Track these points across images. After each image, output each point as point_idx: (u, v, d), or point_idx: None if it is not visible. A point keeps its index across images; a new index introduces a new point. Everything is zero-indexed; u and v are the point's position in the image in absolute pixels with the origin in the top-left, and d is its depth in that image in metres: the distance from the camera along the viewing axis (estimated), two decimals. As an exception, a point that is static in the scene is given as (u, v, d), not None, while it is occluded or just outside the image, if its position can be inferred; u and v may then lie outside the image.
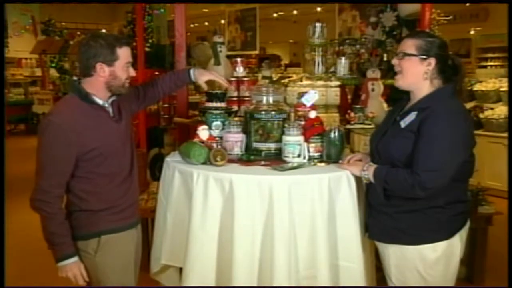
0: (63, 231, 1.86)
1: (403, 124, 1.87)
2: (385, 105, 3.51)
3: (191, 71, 2.38)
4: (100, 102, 1.93)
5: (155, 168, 5.07)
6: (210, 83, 2.46)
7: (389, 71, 3.78)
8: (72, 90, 1.94)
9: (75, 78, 1.97)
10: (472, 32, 11.62)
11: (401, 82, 1.91)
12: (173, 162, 2.22)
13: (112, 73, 1.90)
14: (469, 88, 5.91)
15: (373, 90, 3.49)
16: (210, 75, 2.41)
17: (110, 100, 1.97)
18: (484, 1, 3.84)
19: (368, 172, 1.92)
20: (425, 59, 1.86)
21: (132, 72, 1.98)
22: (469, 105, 5.75)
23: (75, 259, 1.88)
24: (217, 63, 3.27)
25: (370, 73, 3.57)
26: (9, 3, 1.95)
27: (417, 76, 1.87)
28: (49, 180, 1.82)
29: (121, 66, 1.91)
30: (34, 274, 3.50)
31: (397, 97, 2.15)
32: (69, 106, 1.89)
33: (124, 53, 1.91)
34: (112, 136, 1.94)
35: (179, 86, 2.45)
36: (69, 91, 1.97)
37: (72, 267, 1.88)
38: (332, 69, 3.70)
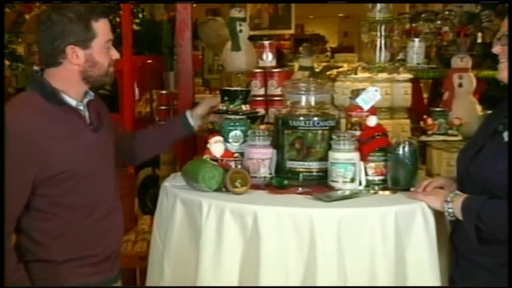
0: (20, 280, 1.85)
1: (507, 136, 1.88)
2: (478, 107, 3.50)
3: (187, 114, 2.48)
4: (72, 102, 1.97)
5: (147, 197, 5.14)
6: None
7: (485, 58, 3.78)
8: (32, 85, 1.96)
9: (36, 68, 2.01)
10: None
11: (506, 75, 1.90)
12: (173, 188, 2.27)
13: (90, 58, 1.94)
14: None
15: (460, 85, 3.49)
16: (202, 106, 2.50)
17: (85, 101, 2.02)
18: (484, 1, 3.88)
19: (454, 205, 1.93)
20: None
21: (115, 54, 2.03)
22: None
23: None
24: (236, 47, 3.34)
25: (456, 62, 3.56)
26: (9, 3, 2.17)
27: None
28: None
29: (100, 47, 1.95)
30: None
31: (496, 96, 2.15)
32: (26, 108, 1.90)
33: (103, 28, 1.96)
34: (89, 151, 1.98)
35: (168, 140, 2.50)
36: (27, 87, 2.01)
37: None
38: (400, 56, 3.73)
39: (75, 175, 1.92)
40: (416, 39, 3.74)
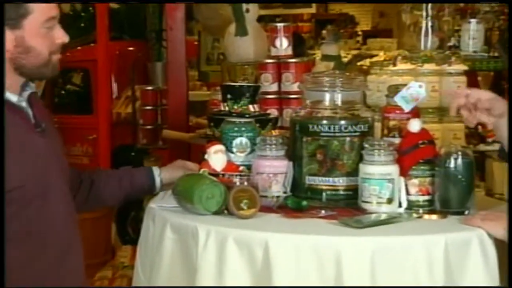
0: None
1: None
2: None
3: (155, 170, 2.48)
4: (12, 98, 1.96)
5: (127, 222, 5.16)
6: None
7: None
8: None
9: None
10: None
11: None
12: (161, 211, 2.28)
13: (20, 43, 1.93)
14: None
15: (529, 80, 3.50)
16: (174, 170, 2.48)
17: (26, 94, 2.01)
18: (484, 1, 3.92)
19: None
20: None
21: (61, 37, 2.01)
22: None
23: None
24: (242, 32, 3.35)
25: (523, 50, 3.57)
26: (9, 3, 2.24)
27: None
28: None
29: (35, 28, 1.94)
30: None
31: None
32: None
33: (41, 5, 1.94)
34: (39, 163, 1.98)
35: (127, 191, 2.48)
36: None
37: None
38: (452, 42, 3.74)
39: (22, 195, 1.91)
40: (473, 20, 3.74)
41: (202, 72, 7.55)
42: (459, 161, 2.21)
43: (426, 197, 2.25)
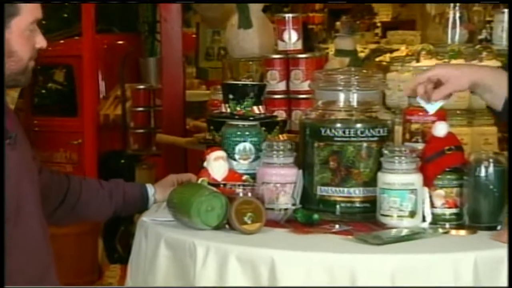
0: None
1: None
2: None
3: (149, 189, 2.50)
4: None
5: (116, 238, 5.16)
6: None
7: None
8: None
9: None
10: None
11: None
12: (155, 225, 2.29)
13: (6, 45, 1.95)
14: None
15: None
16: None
17: None
18: (484, 1, 3.96)
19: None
20: None
21: (41, 41, 2.04)
22: None
23: None
24: (245, 24, 3.36)
25: None
26: (9, 3, 2.30)
27: None
28: None
29: (22, 30, 1.97)
30: None
31: None
32: None
33: (29, 5, 1.97)
34: (10, 179, 1.97)
35: (117, 208, 2.51)
36: None
37: None
38: (483, 35, 3.74)
39: None
40: (507, 11, 3.74)
41: (201, 69, 7.54)
42: (491, 169, 2.21)
43: (453, 210, 2.25)
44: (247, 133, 2.47)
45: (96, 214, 2.53)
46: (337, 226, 2.24)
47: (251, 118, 2.54)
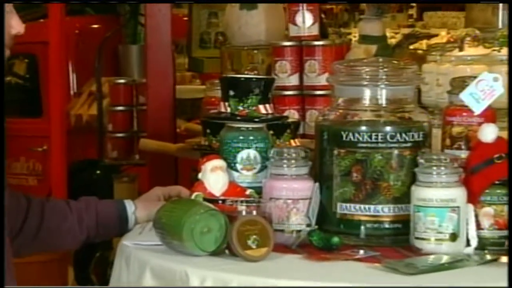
0: None
1: None
2: None
3: (128, 206, 2.54)
4: None
5: (89, 267, 5.16)
6: None
7: None
8: None
9: None
10: None
11: None
12: (138, 251, 2.30)
13: None
14: None
15: None
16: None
17: None
18: (484, 1, 3.99)
19: None
20: None
21: (17, 26, 2.12)
22: None
23: None
24: (249, 4, 3.36)
25: None
26: (9, 3, 2.34)
27: None
28: None
29: None
30: None
31: None
32: None
33: None
34: None
35: (90, 234, 2.54)
36: None
37: None
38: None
39: None
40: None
41: (194, 59, 7.52)
42: (550, 183, 2.23)
43: (504, 233, 2.25)
44: (251, 137, 2.48)
45: (64, 243, 2.55)
46: (361, 251, 2.25)
47: (256, 120, 2.55)
